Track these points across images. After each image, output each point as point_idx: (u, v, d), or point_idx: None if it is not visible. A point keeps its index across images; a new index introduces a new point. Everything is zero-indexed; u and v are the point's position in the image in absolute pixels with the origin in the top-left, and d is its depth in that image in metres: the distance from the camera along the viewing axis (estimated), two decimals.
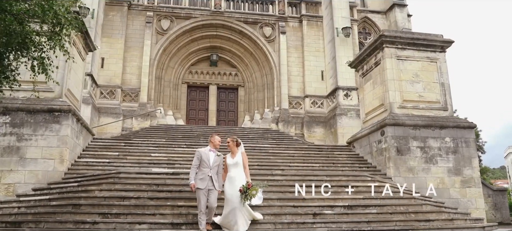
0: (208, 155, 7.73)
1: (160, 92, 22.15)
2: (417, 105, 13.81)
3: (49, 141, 11.14)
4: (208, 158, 7.68)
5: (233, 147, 7.84)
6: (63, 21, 7.11)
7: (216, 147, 7.96)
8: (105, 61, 20.57)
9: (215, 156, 7.80)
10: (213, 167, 7.67)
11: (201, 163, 7.61)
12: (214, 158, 7.74)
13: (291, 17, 23.69)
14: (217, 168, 7.75)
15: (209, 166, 7.61)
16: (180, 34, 22.48)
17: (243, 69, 24.07)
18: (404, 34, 14.71)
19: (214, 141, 8.00)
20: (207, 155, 7.72)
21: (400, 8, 24.93)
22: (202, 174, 7.55)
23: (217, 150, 8.01)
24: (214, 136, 8.11)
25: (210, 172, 7.59)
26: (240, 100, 24.11)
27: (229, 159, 7.80)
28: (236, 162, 7.68)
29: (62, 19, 7.07)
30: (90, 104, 18.17)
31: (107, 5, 21.35)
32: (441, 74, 14.30)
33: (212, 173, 7.60)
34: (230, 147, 7.89)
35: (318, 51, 23.11)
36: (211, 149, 7.87)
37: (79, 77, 13.94)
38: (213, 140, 8.03)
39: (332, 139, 20.38)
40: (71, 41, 12.34)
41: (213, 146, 7.94)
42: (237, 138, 8.12)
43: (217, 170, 7.77)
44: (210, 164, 7.64)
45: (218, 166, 7.80)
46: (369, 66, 15.42)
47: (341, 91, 20.92)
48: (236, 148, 7.85)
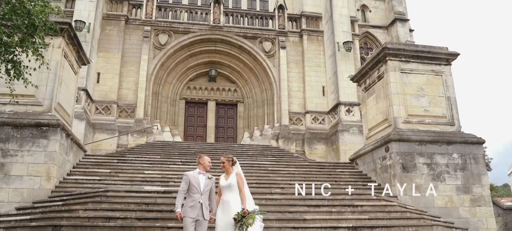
0: (197, 179, 6.62)
1: (157, 108, 21.61)
2: (423, 120, 13.23)
3: (36, 157, 10.56)
4: (198, 182, 6.59)
5: (228, 166, 6.66)
6: (37, 22, 6.58)
7: (206, 169, 6.87)
8: (101, 76, 20.10)
9: (206, 179, 6.72)
10: (204, 192, 6.60)
11: (190, 188, 6.53)
12: (204, 182, 6.66)
13: (291, 32, 23.29)
14: (208, 193, 6.70)
15: (200, 191, 6.53)
16: (178, 49, 22.05)
17: (242, 84, 23.58)
18: (407, 46, 14.22)
19: (203, 162, 6.86)
20: (196, 178, 6.61)
21: (401, 23, 24.57)
22: (192, 201, 6.44)
23: (208, 172, 6.99)
24: (203, 157, 6.97)
25: (201, 198, 6.50)
26: (239, 117, 23.55)
27: (222, 180, 6.63)
28: (230, 183, 6.45)
29: (36, 20, 6.54)
30: (84, 120, 17.63)
31: (104, 19, 20.99)
32: (447, 88, 13.77)
33: (204, 199, 6.54)
34: (224, 167, 6.73)
35: (319, 66, 22.65)
36: (201, 171, 6.76)
37: (71, 91, 13.42)
38: (202, 161, 6.88)
39: (334, 156, 19.75)
40: (59, 49, 11.90)
41: (203, 168, 6.82)
42: (233, 156, 6.87)
43: (209, 195, 6.72)
44: (200, 188, 6.56)
45: (210, 190, 6.76)
46: (372, 80, 14.91)
47: (343, 107, 20.36)
48: (231, 167, 6.67)
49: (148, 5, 21.97)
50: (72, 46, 12.97)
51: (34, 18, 6.50)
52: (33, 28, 6.64)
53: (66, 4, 20.93)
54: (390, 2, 25.55)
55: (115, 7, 21.39)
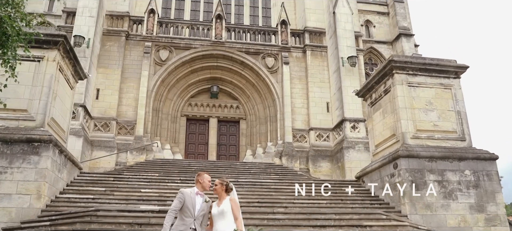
0: (193, 200, 5.68)
1: (157, 125, 21.13)
2: (432, 135, 12.65)
3: (26, 174, 10.05)
4: (194, 204, 5.64)
5: (221, 191, 5.73)
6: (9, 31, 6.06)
7: (205, 189, 5.92)
8: (101, 93, 19.71)
9: (203, 201, 5.78)
10: (198, 217, 5.66)
11: (183, 209, 5.60)
12: (201, 205, 5.72)
13: (294, 47, 22.91)
14: (202, 218, 5.75)
15: (193, 215, 5.60)
16: (179, 65, 21.68)
17: (244, 101, 23.11)
18: (415, 59, 13.74)
19: (203, 181, 5.91)
20: (192, 199, 5.67)
21: (406, 38, 24.16)
22: (183, 225, 5.54)
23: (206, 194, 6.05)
24: (202, 174, 6.01)
25: (193, 223, 5.58)
26: (242, 134, 23.01)
27: (214, 207, 5.70)
28: (222, 210, 5.54)
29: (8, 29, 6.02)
30: (81, 137, 17.16)
31: (105, 35, 20.72)
32: (457, 101, 13.22)
33: (197, 225, 5.62)
34: (216, 190, 5.77)
35: (323, 82, 22.18)
36: (199, 191, 5.83)
37: (67, 106, 12.97)
38: (201, 179, 5.92)
39: (340, 174, 19.11)
40: (53, 62, 11.49)
41: (202, 187, 5.88)
42: (230, 182, 5.88)
43: (202, 220, 5.76)
44: (194, 212, 5.63)
45: (204, 215, 5.80)
46: (378, 95, 14.39)
47: (348, 123, 19.81)
48: (225, 193, 5.73)
49: (149, 21, 21.71)
50: (68, 60, 12.57)
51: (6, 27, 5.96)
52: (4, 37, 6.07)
53: (66, 20, 20.70)
54: (395, 17, 25.21)
55: (115, 22, 21.14)
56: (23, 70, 11.42)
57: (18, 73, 11.21)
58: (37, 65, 11.51)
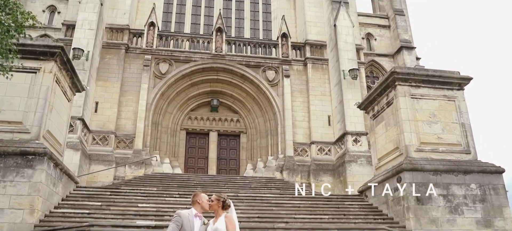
0: (192, 223, 5.24)
1: (156, 138, 20.87)
2: (436, 148, 12.36)
3: (19, 188, 9.76)
4: (192, 227, 5.20)
5: (218, 208, 5.33)
6: None
7: (204, 209, 5.50)
8: (99, 106, 19.50)
9: (201, 224, 5.40)
10: None
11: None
12: (199, 228, 5.33)
13: (295, 60, 22.75)
14: None
15: None
16: (179, 78, 21.51)
17: (245, 115, 22.88)
18: (417, 71, 13.52)
19: (201, 201, 5.46)
20: (191, 222, 5.24)
21: (408, 51, 24.02)
22: None
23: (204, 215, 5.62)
24: (199, 194, 5.57)
25: None
26: (242, 148, 22.72)
27: (209, 225, 5.33)
28: (216, 229, 5.18)
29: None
30: (79, 151, 16.90)
31: (104, 48, 20.61)
32: (461, 113, 12.96)
33: None
34: (211, 207, 5.38)
35: (324, 95, 21.96)
36: (197, 213, 5.41)
37: (63, 119, 12.73)
38: (199, 199, 5.47)
39: (342, 188, 18.76)
40: (50, 74, 11.31)
41: (201, 208, 5.46)
42: (228, 198, 5.47)
43: None
44: None
45: None
46: (381, 107, 14.14)
47: (350, 136, 19.53)
48: (221, 210, 5.32)
49: (149, 34, 21.62)
50: (65, 71, 12.38)
51: None
52: None
53: (65, 33, 20.62)
54: (396, 30, 25.12)
55: (115, 35, 21.05)
56: (19, 81, 11.26)
57: (14, 84, 11.17)
58: (33, 77, 11.32)
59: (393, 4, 25.90)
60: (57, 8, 23.15)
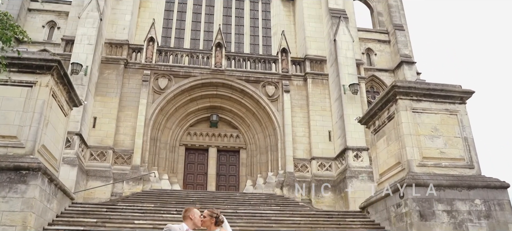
0: None
1: (155, 154, 20.62)
2: (439, 163, 12.12)
3: (12, 204, 9.51)
4: None
5: (210, 224, 5.04)
6: None
7: (196, 225, 5.21)
8: (98, 121, 19.32)
9: None
10: None
11: None
12: None
13: (295, 76, 22.64)
14: None
15: None
16: (178, 93, 21.36)
17: (244, 130, 22.67)
18: (418, 84, 13.36)
19: (193, 216, 5.18)
20: None
21: (408, 66, 23.94)
22: None
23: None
24: (191, 209, 5.30)
25: None
26: (242, 164, 22.44)
27: None
28: None
29: None
30: (76, 166, 16.66)
31: (103, 63, 20.53)
32: (463, 128, 12.76)
33: None
34: (204, 223, 5.09)
35: (325, 110, 21.79)
36: (189, 229, 5.15)
37: (59, 134, 12.53)
38: (191, 214, 5.18)
39: (343, 204, 18.45)
40: (46, 88, 11.15)
41: (192, 224, 5.17)
42: (221, 214, 5.17)
43: None
44: None
45: None
46: (382, 121, 13.94)
47: (351, 152, 19.28)
48: (214, 226, 5.04)
49: (148, 49, 21.56)
50: (62, 85, 12.22)
51: None
52: None
53: (64, 48, 20.61)
54: (396, 45, 25.09)
55: (114, 51, 21.00)
56: (15, 95, 11.12)
57: (9, 99, 11.01)
58: (29, 91, 11.16)
59: (393, 19, 25.93)
60: (57, 24, 23.20)
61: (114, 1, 22.04)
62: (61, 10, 23.40)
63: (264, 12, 26.44)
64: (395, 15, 26.07)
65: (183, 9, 25.63)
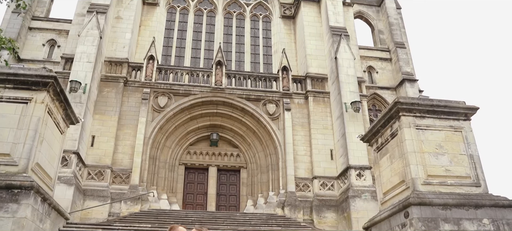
0: None
1: (154, 173, 20.29)
2: (445, 181, 11.72)
3: (2, 224, 9.16)
4: None
5: None
6: None
7: None
8: (96, 140, 19.07)
9: None
10: None
11: None
12: None
13: (296, 94, 22.44)
14: None
15: None
16: (178, 112, 21.16)
17: (245, 149, 22.36)
18: (422, 101, 13.07)
19: None
20: None
21: (410, 83, 23.77)
22: None
23: None
24: (176, 227, 5.14)
25: None
26: (242, 183, 22.06)
27: None
28: None
29: None
30: (73, 186, 16.33)
31: (103, 81, 20.41)
32: (468, 145, 12.40)
33: None
34: None
35: (326, 128, 21.51)
36: None
37: (55, 152, 12.24)
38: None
39: (346, 225, 17.98)
40: (42, 104, 10.92)
41: None
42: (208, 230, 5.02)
43: None
44: None
45: None
46: (385, 139, 13.61)
47: (353, 171, 18.92)
48: None
49: (148, 67, 21.46)
50: (58, 102, 11.99)
51: None
52: None
53: (64, 66, 20.52)
54: (397, 63, 24.96)
55: (114, 69, 20.90)
56: (9, 112, 10.88)
57: (3, 115, 10.78)
58: (24, 107, 10.92)
59: (394, 37, 25.87)
60: (57, 42, 23.20)
61: (115, 20, 22.06)
62: (61, 29, 23.45)
63: (265, 30, 26.44)
64: (396, 33, 26.02)
65: (183, 27, 25.66)
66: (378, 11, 28.03)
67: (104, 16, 20.59)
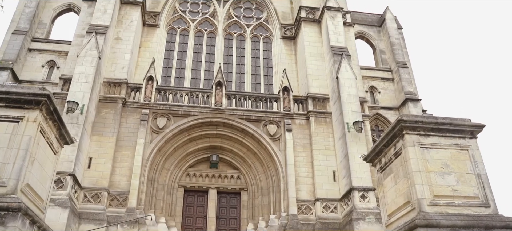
0: None
1: (152, 196, 19.80)
2: (452, 201, 11.22)
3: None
4: None
5: None
6: None
7: None
8: (93, 161, 18.69)
9: None
10: None
11: None
12: None
13: (297, 114, 22.09)
14: None
15: None
16: (177, 133, 20.80)
17: (246, 171, 21.89)
18: (426, 118, 12.67)
19: None
20: None
21: (413, 103, 23.43)
22: None
23: None
24: None
25: None
26: (243, 206, 21.50)
27: None
28: None
29: None
30: (67, 209, 15.86)
31: (101, 102, 20.16)
32: (476, 163, 11.94)
33: None
34: None
35: (328, 149, 21.07)
36: None
37: (47, 173, 11.84)
38: None
39: None
40: (34, 123, 10.59)
41: None
42: None
43: None
44: None
45: None
46: (388, 158, 13.17)
47: (357, 192, 18.40)
48: None
49: (147, 88, 21.25)
50: (51, 121, 11.64)
51: None
52: None
53: (62, 87, 20.32)
54: (400, 83, 24.68)
55: (112, 89, 20.68)
56: (0, 131, 10.58)
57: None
58: (15, 126, 10.58)
59: (396, 57, 25.69)
60: (56, 63, 23.11)
61: (114, 41, 21.98)
62: (61, 50, 23.38)
63: (266, 51, 26.31)
64: (397, 53, 25.85)
65: (184, 48, 25.57)
66: (379, 31, 27.96)
67: (103, 37, 20.50)
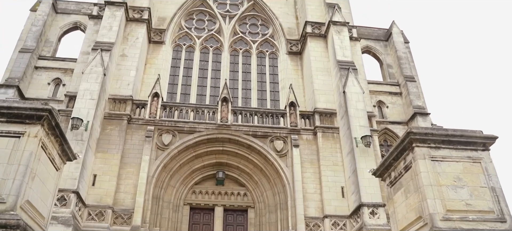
0: None
1: (157, 214, 19.46)
2: (466, 216, 10.77)
3: None
4: None
5: None
6: None
7: None
8: (97, 179, 18.48)
9: None
10: None
11: None
12: None
13: (304, 130, 21.78)
14: None
15: None
16: (183, 150, 20.57)
17: (252, 188, 21.50)
18: (436, 131, 12.30)
19: None
20: None
21: (422, 117, 23.01)
22: None
23: None
24: None
25: None
26: (250, 224, 21.06)
27: None
28: None
29: None
30: (71, 226, 15.59)
31: (106, 119, 20.06)
32: (489, 176, 11.50)
33: None
34: None
35: (336, 165, 20.66)
36: None
37: (49, 189, 11.61)
38: None
39: None
40: (35, 139, 10.40)
41: None
42: None
43: None
44: None
45: None
46: (398, 173, 12.76)
47: (366, 208, 17.92)
48: None
49: (153, 104, 21.14)
50: (53, 137, 11.46)
51: None
52: None
53: (67, 104, 20.30)
54: (408, 97, 24.31)
55: (118, 106, 20.61)
56: (0, 147, 10.42)
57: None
58: (16, 142, 10.42)
59: (403, 71, 25.39)
60: (62, 81, 23.15)
61: (120, 57, 22.00)
62: (67, 68, 23.45)
63: (272, 66, 26.19)
64: (405, 67, 25.55)
65: (189, 65, 25.54)
66: (386, 45, 27.73)
67: (109, 53, 20.52)
